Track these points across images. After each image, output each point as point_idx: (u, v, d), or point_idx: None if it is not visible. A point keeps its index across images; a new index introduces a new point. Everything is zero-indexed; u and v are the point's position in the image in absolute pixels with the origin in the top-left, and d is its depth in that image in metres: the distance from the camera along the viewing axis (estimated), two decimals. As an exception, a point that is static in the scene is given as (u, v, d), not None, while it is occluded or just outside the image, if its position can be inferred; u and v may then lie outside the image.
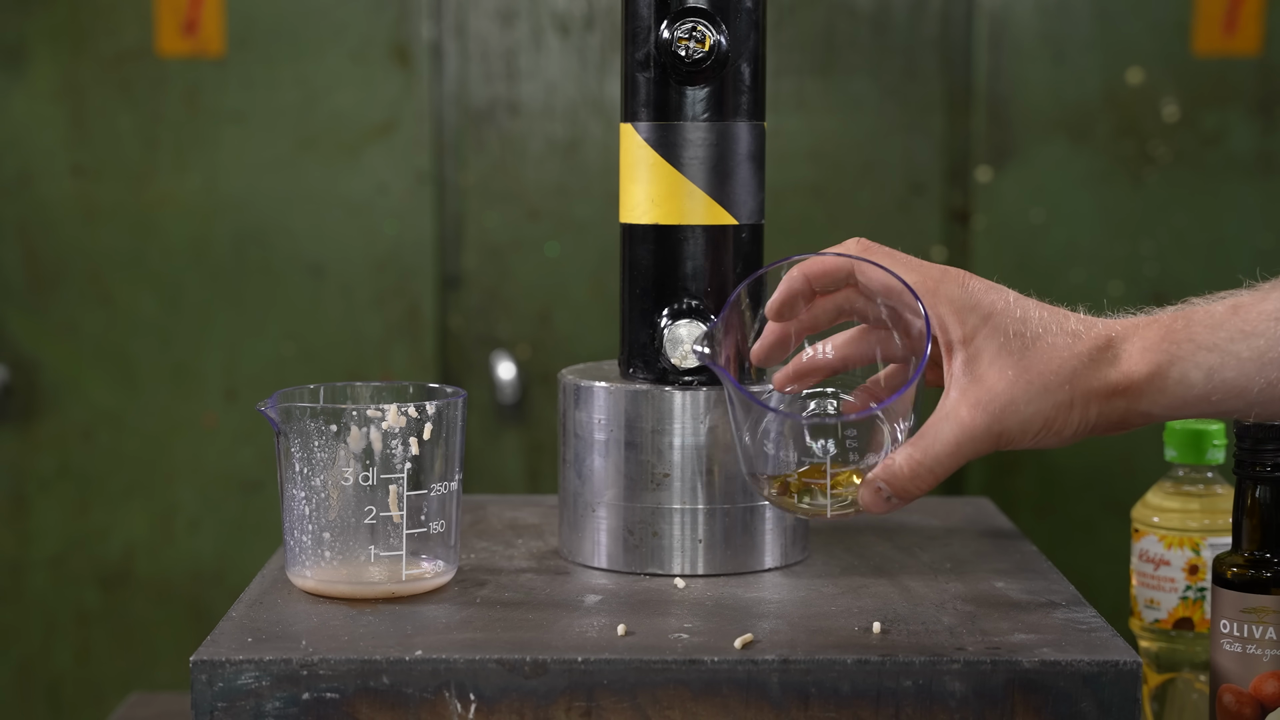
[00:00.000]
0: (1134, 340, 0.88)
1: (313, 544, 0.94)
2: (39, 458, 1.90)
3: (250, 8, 1.86)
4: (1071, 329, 0.89)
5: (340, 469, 0.93)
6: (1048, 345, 0.88)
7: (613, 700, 0.84)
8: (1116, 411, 0.88)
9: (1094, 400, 0.88)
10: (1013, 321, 0.89)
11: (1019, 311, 0.89)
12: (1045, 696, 0.84)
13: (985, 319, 0.89)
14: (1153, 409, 0.87)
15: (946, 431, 0.88)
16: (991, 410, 0.87)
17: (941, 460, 0.88)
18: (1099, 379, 0.87)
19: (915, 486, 0.88)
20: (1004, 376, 0.88)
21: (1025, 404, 0.87)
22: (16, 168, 1.87)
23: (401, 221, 1.88)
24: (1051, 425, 0.88)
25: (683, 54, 1.00)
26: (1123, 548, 1.30)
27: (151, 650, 1.92)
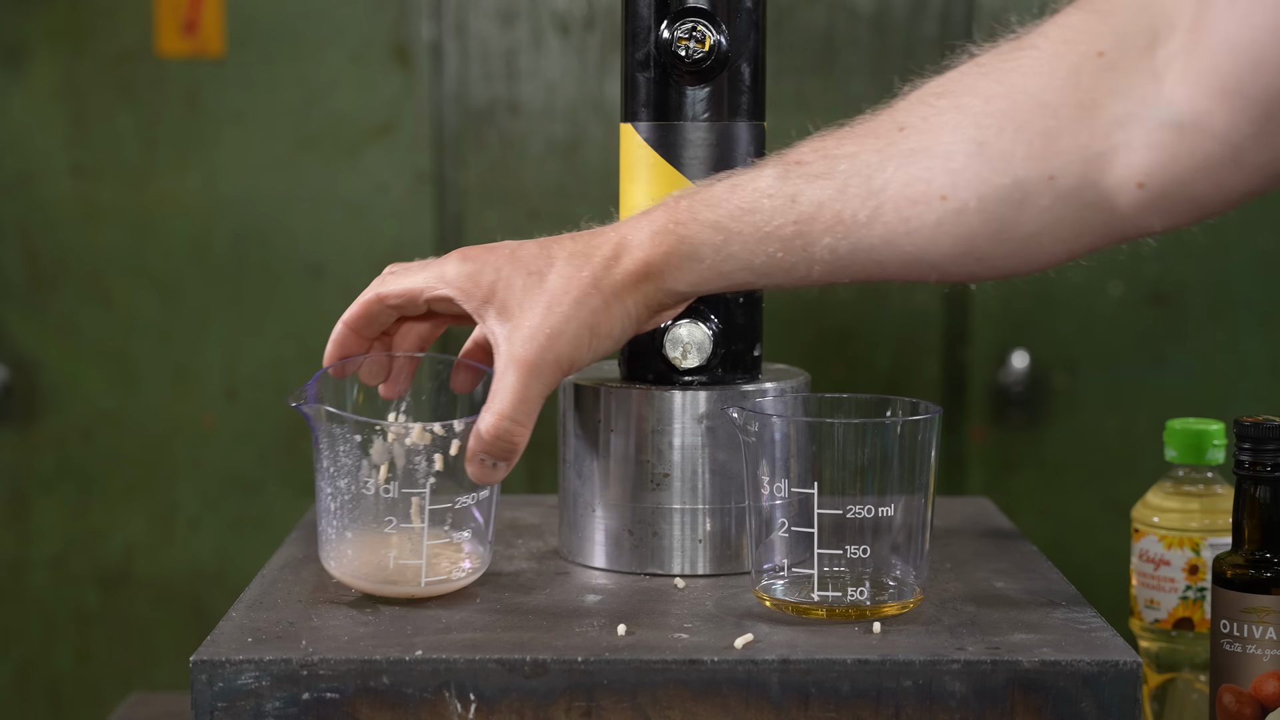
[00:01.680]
0: (643, 228, 0.93)
1: (336, 538, 0.94)
2: (39, 458, 1.90)
3: (250, 8, 1.86)
4: (580, 249, 0.94)
5: (363, 478, 0.93)
6: (564, 266, 0.93)
7: (613, 700, 0.84)
8: (650, 295, 0.93)
9: (624, 293, 0.92)
10: (523, 263, 0.93)
11: (524, 253, 0.94)
12: (1045, 696, 0.84)
13: (497, 272, 0.93)
14: (678, 285, 0.93)
15: (509, 378, 0.92)
16: (538, 339, 0.91)
17: (517, 405, 0.91)
18: (621, 273, 0.92)
19: (508, 440, 0.92)
20: (536, 309, 0.92)
21: (565, 323, 0.92)
22: (16, 168, 1.87)
23: (401, 221, 1.88)
24: (598, 330, 0.92)
25: (683, 54, 1.00)
26: (1123, 548, 1.30)
27: (151, 650, 1.92)
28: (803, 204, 0.89)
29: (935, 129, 0.88)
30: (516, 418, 0.91)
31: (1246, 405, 1.85)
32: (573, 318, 0.91)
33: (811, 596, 0.91)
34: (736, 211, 0.90)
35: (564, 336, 0.91)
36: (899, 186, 0.88)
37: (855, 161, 0.89)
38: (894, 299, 1.88)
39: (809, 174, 0.89)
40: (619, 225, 0.95)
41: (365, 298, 0.97)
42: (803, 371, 1.07)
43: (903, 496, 0.90)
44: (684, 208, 0.92)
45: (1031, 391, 1.88)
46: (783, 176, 0.90)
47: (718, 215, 0.91)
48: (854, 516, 0.90)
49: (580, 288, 0.92)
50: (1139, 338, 1.88)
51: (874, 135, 0.90)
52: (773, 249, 0.90)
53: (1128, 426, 1.88)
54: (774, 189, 0.90)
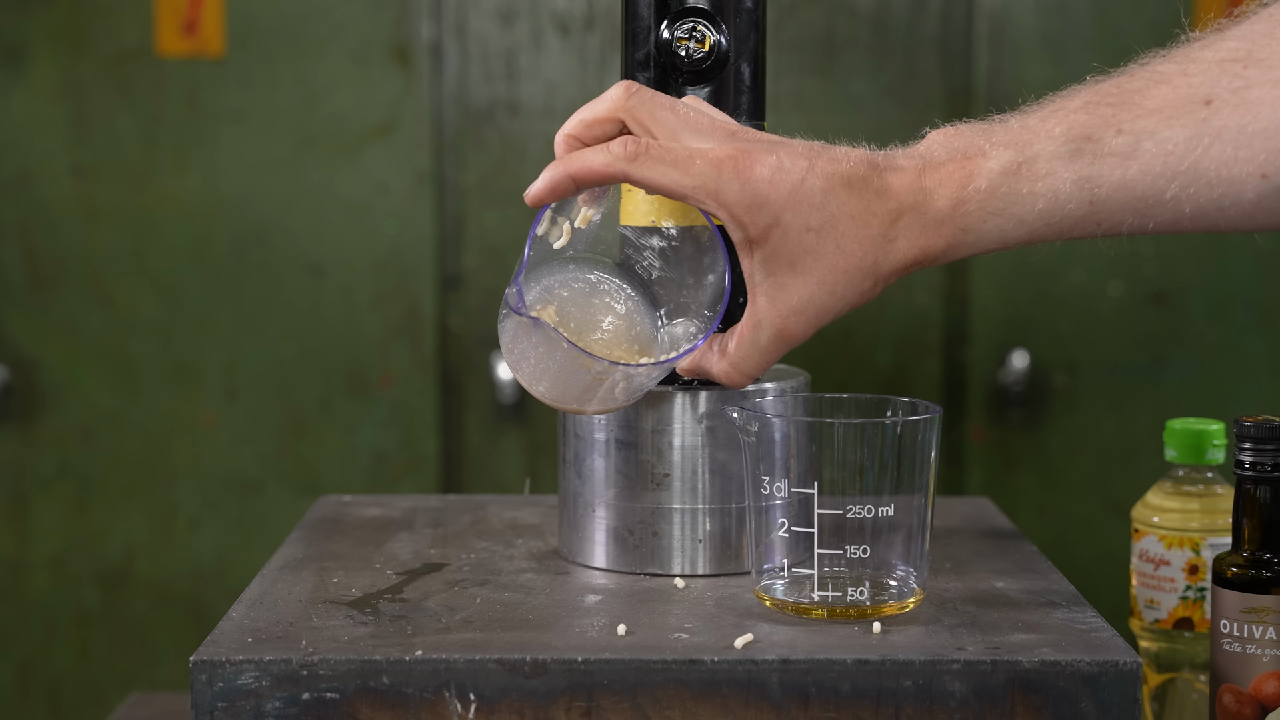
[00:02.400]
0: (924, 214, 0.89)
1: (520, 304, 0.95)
2: (39, 458, 1.90)
3: (250, 8, 1.86)
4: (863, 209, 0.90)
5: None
6: (845, 232, 0.90)
7: (613, 700, 0.84)
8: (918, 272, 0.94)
9: (895, 274, 0.91)
10: (804, 213, 0.89)
11: (806, 199, 0.89)
12: (1045, 696, 0.84)
13: (775, 218, 0.89)
14: (952, 261, 0.91)
15: (765, 340, 0.92)
16: (807, 314, 0.91)
17: (759, 367, 0.93)
18: (898, 258, 0.90)
19: (730, 385, 0.94)
20: (809, 281, 0.90)
21: (835, 302, 0.91)
22: (16, 168, 1.87)
23: (401, 221, 1.88)
24: (858, 304, 0.92)
25: (683, 54, 1.00)
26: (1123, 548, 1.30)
27: (151, 650, 1.92)
28: (1102, 188, 0.86)
29: (1250, 104, 0.84)
30: (753, 374, 0.93)
31: (1246, 405, 1.85)
32: (843, 298, 0.90)
33: (811, 596, 0.91)
34: (1028, 198, 0.88)
35: (828, 313, 0.91)
36: (1214, 166, 0.85)
37: (1159, 139, 0.85)
38: (894, 299, 1.88)
39: (1107, 153, 0.86)
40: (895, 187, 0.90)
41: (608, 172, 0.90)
42: (803, 371, 1.07)
43: (903, 497, 0.90)
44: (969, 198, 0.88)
45: (1031, 391, 1.88)
46: (1076, 156, 0.87)
47: (1007, 205, 0.88)
48: (854, 516, 0.90)
49: (858, 267, 0.90)
50: (1139, 338, 1.88)
51: (1176, 108, 0.85)
52: (1065, 228, 0.88)
53: (1128, 426, 1.88)
54: (1069, 172, 0.87)
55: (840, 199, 0.89)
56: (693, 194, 0.89)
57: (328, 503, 1.20)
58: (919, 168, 0.90)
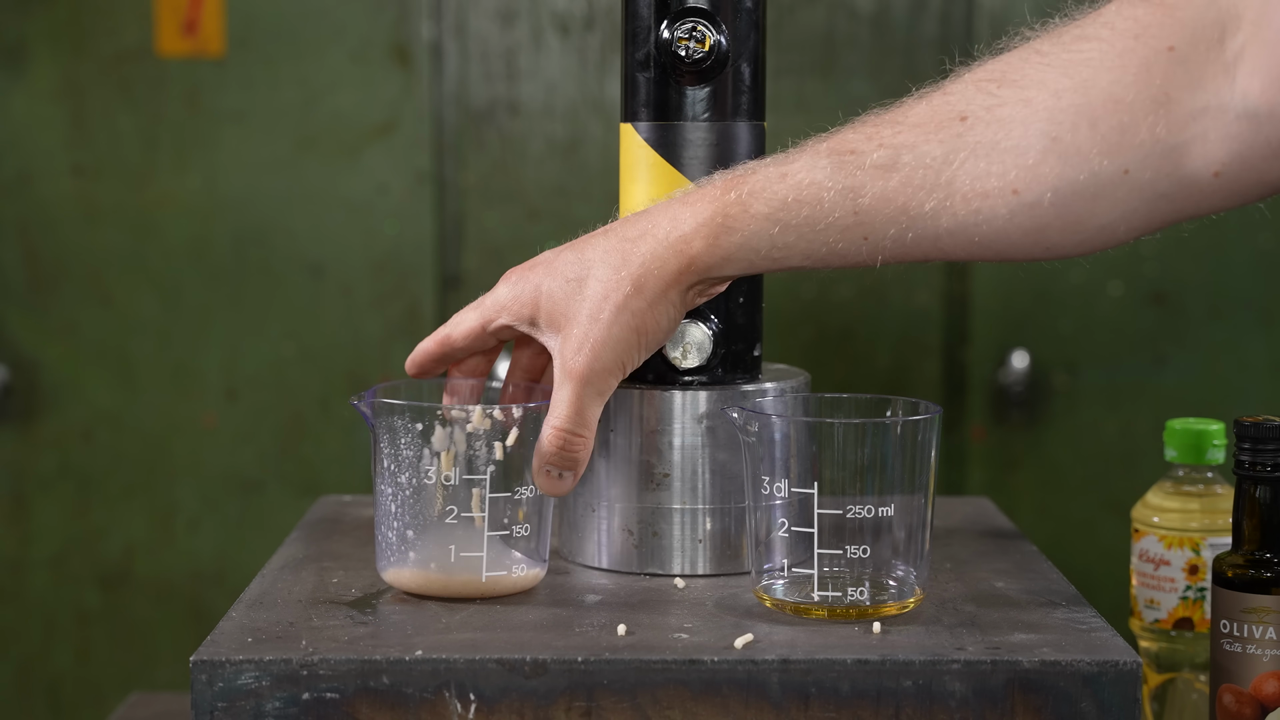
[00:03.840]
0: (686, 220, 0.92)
1: (397, 541, 0.94)
2: (39, 458, 1.90)
3: (250, 8, 1.86)
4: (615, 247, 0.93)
5: (424, 467, 0.93)
6: (601, 269, 0.93)
7: (613, 700, 0.84)
8: (695, 286, 0.93)
9: (669, 290, 0.92)
10: (560, 272, 0.94)
11: (560, 261, 0.94)
12: (1045, 696, 0.84)
13: (537, 287, 0.94)
14: (726, 273, 0.93)
15: (564, 390, 0.92)
16: (585, 350, 0.92)
17: (573, 416, 0.93)
18: (666, 272, 0.92)
19: (569, 451, 0.93)
20: (581, 318, 0.92)
21: (609, 329, 0.92)
22: (16, 168, 1.87)
23: (401, 221, 1.88)
24: (644, 330, 0.93)
25: (683, 54, 1.00)
26: (1123, 548, 1.30)
27: (151, 650, 1.92)
28: (865, 197, 0.88)
29: (1003, 122, 0.87)
30: (574, 428, 0.92)
31: (1246, 405, 1.85)
32: (615, 323, 0.92)
33: (811, 596, 0.91)
34: (792, 204, 0.90)
35: (609, 344, 0.92)
36: (969, 179, 0.87)
37: (918, 153, 0.88)
38: (894, 299, 1.88)
39: (869, 165, 0.89)
40: (653, 215, 0.93)
41: (435, 343, 0.99)
42: (803, 371, 1.07)
43: (903, 496, 0.90)
44: (732, 200, 0.91)
45: (1031, 391, 1.88)
46: (839, 168, 0.89)
47: (771, 208, 0.90)
48: (854, 516, 0.90)
49: (621, 292, 0.92)
50: (1139, 338, 1.88)
51: (934, 125, 0.89)
52: (832, 239, 0.89)
53: (1128, 426, 1.88)
54: (832, 181, 0.89)
55: (595, 246, 0.94)
56: (485, 322, 0.97)
57: (328, 503, 1.20)
58: (681, 196, 0.94)
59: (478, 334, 0.98)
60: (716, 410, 1.00)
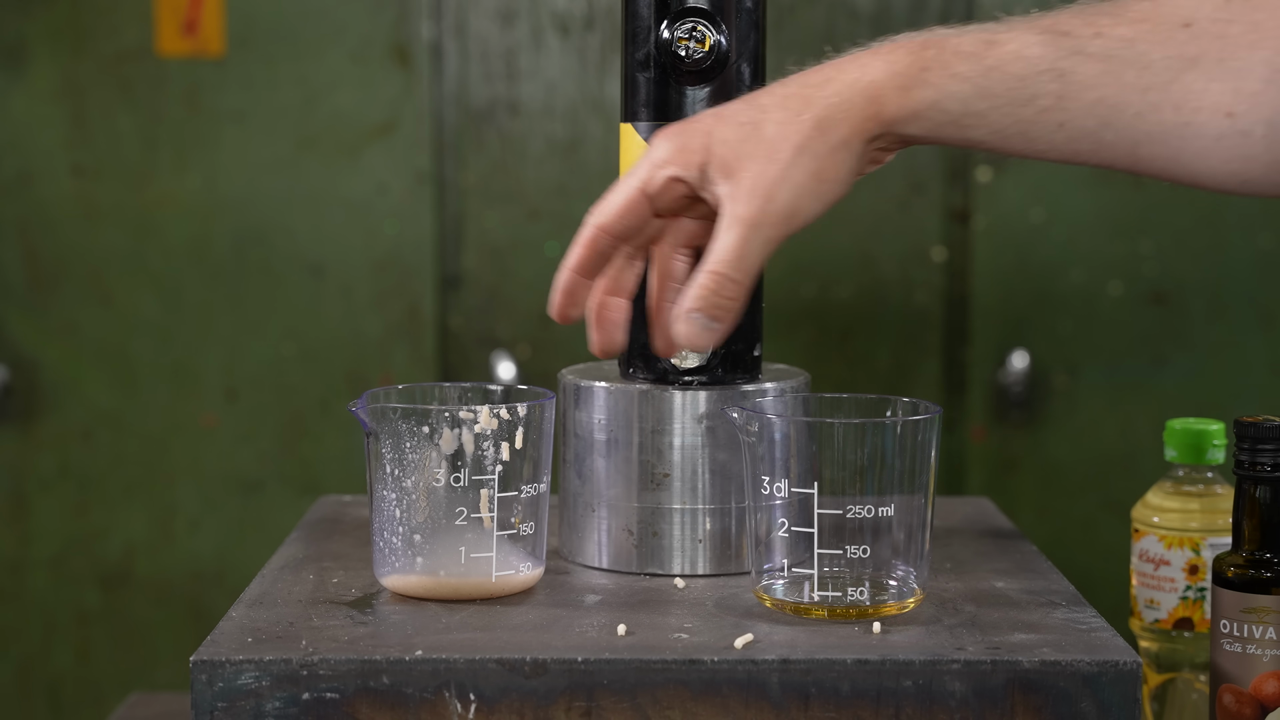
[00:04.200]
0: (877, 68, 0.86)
1: (403, 546, 0.94)
2: (39, 458, 1.90)
3: (250, 8, 1.86)
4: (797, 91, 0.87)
5: (432, 470, 0.92)
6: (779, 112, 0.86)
7: (613, 700, 0.84)
8: (879, 139, 0.87)
9: (853, 137, 0.86)
10: (732, 117, 0.87)
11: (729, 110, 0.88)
12: (1045, 696, 0.84)
13: (706, 134, 0.87)
14: (910, 131, 0.87)
15: (729, 234, 0.85)
16: (758, 193, 0.85)
17: (735, 260, 0.85)
18: (853, 116, 0.86)
19: (724, 296, 0.86)
20: (756, 160, 0.86)
21: (787, 171, 0.85)
22: (16, 168, 1.87)
23: (401, 221, 1.88)
24: (824, 176, 0.86)
25: (683, 54, 1.00)
26: (1123, 548, 1.30)
27: (151, 650, 1.92)
28: (1071, 81, 0.84)
29: (1227, 39, 0.83)
30: (734, 274, 0.85)
31: (1246, 405, 1.85)
32: (794, 164, 0.85)
33: (811, 597, 0.91)
34: (995, 71, 0.85)
35: (785, 185, 0.85)
36: (1181, 90, 0.84)
37: (1135, 50, 0.84)
38: (894, 299, 1.88)
39: (1082, 50, 0.84)
40: (839, 63, 0.88)
41: (587, 234, 0.89)
42: (803, 371, 1.07)
43: (902, 496, 0.90)
44: (931, 56, 0.86)
45: (1031, 391, 1.88)
46: (1051, 45, 0.85)
47: (972, 70, 0.85)
48: (854, 516, 0.90)
49: (802, 133, 0.86)
50: (1139, 338, 1.88)
51: (1154, 25, 0.84)
52: (1027, 116, 0.85)
53: (1128, 426, 1.88)
54: (1040, 57, 0.85)
55: (773, 93, 0.88)
56: (644, 183, 0.88)
57: (328, 503, 1.20)
58: (871, 49, 0.88)
59: (637, 203, 0.88)
60: (716, 410, 0.99)
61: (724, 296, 0.86)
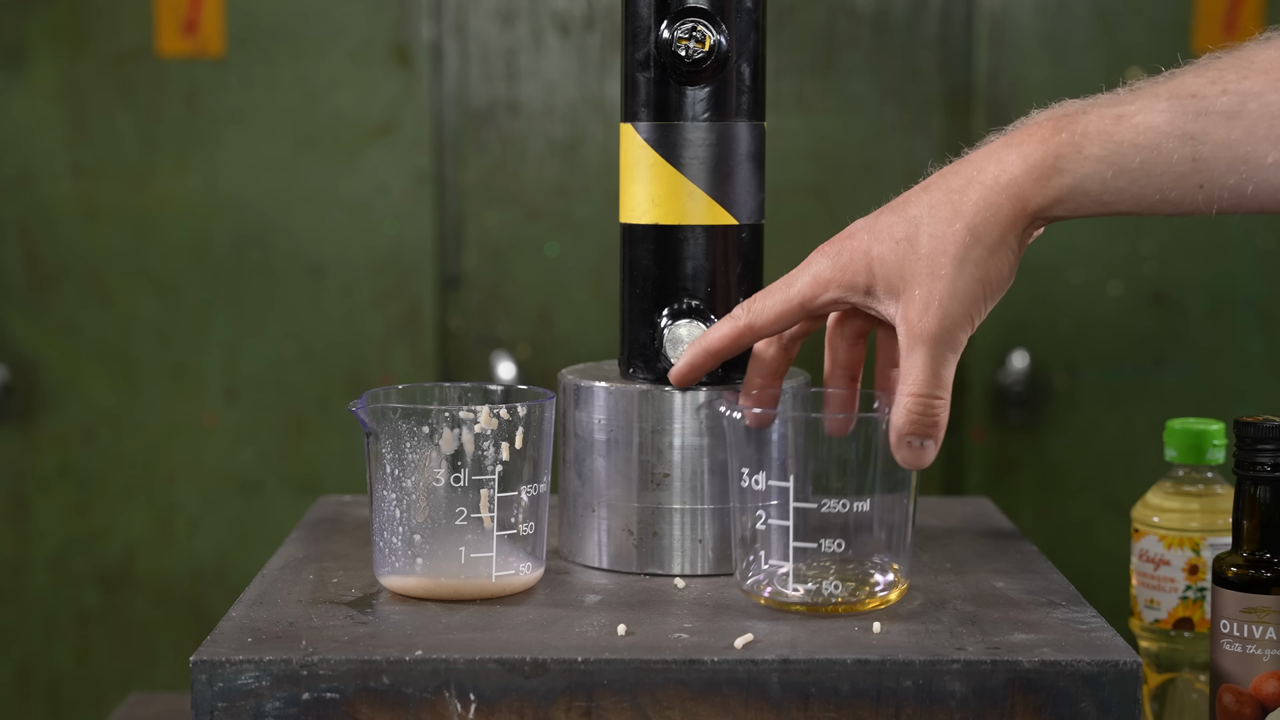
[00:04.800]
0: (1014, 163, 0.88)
1: (403, 546, 0.94)
2: (39, 458, 1.90)
3: (250, 8, 1.86)
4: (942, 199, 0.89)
5: (432, 470, 0.92)
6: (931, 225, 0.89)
7: (613, 700, 0.84)
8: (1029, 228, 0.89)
9: (1007, 235, 0.88)
10: (887, 234, 0.90)
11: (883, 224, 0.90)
12: (1045, 696, 0.84)
13: (866, 254, 0.90)
14: (1056, 214, 0.88)
15: (917, 355, 0.88)
16: (932, 309, 0.88)
17: (931, 380, 0.88)
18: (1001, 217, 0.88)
19: (930, 416, 0.88)
20: (920, 278, 0.88)
21: (954, 283, 0.88)
22: (16, 168, 1.87)
23: (401, 221, 1.88)
24: (989, 279, 0.89)
25: (683, 54, 1.00)
26: (1123, 548, 1.30)
27: (151, 650, 1.92)
28: (1205, 145, 0.85)
29: None
30: (932, 391, 0.88)
31: (1246, 405, 1.85)
32: (959, 276, 0.88)
33: (792, 591, 0.91)
34: (1129, 148, 0.86)
35: (956, 299, 0.88)
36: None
37: (1264, 101, 0.84)
38: (894, 299, 1.88)
39: (1212, 110, 0.85)
40: (976, 161, 0.90)
41: (736, 330, 0.94)
42: (803, 371, 1.07)
43: (883, 492, 0.90)
44: (1064, 141, 0.87)
45: (1031, 391, 1.88)
46: (1180, 111, 0.85)
47: (1106, 150, 0.86)
48: (832, 511, 0.90)
49: (959, 243, 0.88)
50: (1139, 338, 1.88)
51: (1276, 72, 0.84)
52: (1166, 185, 0.86)
53: (1128, 426, 1.88)
54: (1171, 126, 0.85)
55: (919, 202, 0.90)
56: (805, 300, 0.92)
57: (328, 503, 1.20)
58: (1003, 139, 0.90)
59: (792, 313, 0.92)
60: (717, 410, 0.99)
61: (931, 414, 0.89)
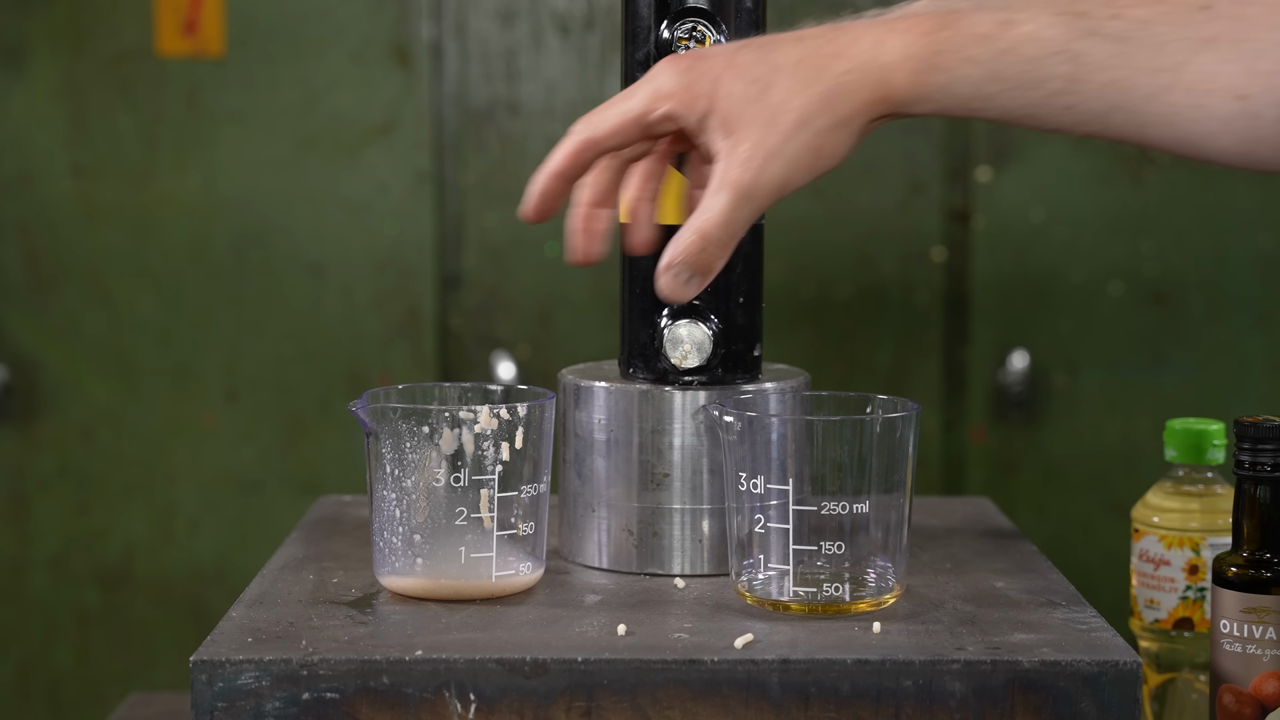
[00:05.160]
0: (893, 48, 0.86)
1: (403, 546, 0.94)
2: (39, 458, 1.90)
3: (250, 8, 1.86)
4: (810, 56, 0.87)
5: (432, 470, 0.92)
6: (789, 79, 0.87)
7: (613, 700, 0.84)
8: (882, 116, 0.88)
9: (858, 115, 0.87)
10: (743, 70, 0.87)
11: (742, 58, 0.88)
12: (1045, 696, 0.84)
13: (714, 81, 0.87)
14: (917, 110, 0.87)
15: (721, 198, 0.87)
16: (755, 161, 0.86)
17: (722, 225, 0.87)
18: (861, 96, 0.86)
19: (705, 256, 0.87)
20: (757, 125, 0.86)
21: (786, 143, 0.86)
22: (16, 168, 1.87)
23: (401, 221, 1.88)
24: (822, 152, 0.87)
25: (683, 54, 1.00)
26: (1123, 548, 1.30)
27: (151, 650, 1.92)
28: (1083, 63, 0.84)
29: (1245, 20, 0.83)
30: (720, 234, 0.87)
31: (1246, 405, 1.85)
32: (794, 138, 0.86)
33: (790, 593, 0.91)
34: (1009, 55, 0.85)
35: (782, 158, 0.86)
36: (1194, 72, 0.83)
37: (1151, 31, 0.84)
38: (894, 299, 1.88)
39: (1098, 32, 0.84)
40: (854, 32, 0.87)
41: (574, 144, 0.91)
42: (802, 371, 1.07)
43: (881, 493, 0.91)
44: (947, 38, 0.86)
45: (1031, 391, 1.88)
46: (1068, 25, 0.84)
47: (985, 52, 0.85)
48: (830, 513, 0.90)
49: (807, 106, 0.86)
50: (1139, 338, 1.88)
51: (1174, 6, 0.84)
52: (1036, 99, 0.85)
53: (1128, 426, 1.88)
54: (1055, 38, 0.84)
55: (786, 52, 0.88)
56: (643, 113, 0.88)
57: (328, 503, 1.20)
58: (887, 19, 0.88)
59: (631, 126, 0.89)
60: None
61: (708, 254, 0.87)
